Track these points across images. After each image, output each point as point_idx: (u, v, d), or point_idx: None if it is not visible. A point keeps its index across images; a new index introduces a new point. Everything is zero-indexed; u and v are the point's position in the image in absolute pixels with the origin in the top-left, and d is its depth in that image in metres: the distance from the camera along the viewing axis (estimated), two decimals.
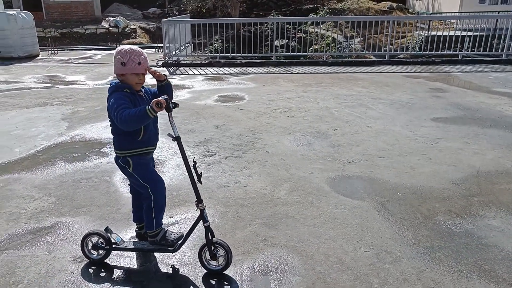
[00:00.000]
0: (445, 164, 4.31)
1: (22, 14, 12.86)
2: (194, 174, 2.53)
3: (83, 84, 8.90)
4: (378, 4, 21.01)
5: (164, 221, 2.86)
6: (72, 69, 10.91)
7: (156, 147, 2.73)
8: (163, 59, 11.32)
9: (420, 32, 13.03)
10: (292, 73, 9.99)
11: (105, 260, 2.76)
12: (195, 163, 2.53)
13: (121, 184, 3.92)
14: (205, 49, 14.34)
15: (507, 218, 3.25)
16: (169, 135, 2.49)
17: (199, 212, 2.58)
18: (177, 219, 3.28)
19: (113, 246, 2.69)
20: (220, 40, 14.47)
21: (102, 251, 2.74)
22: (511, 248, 2.87)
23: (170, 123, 2.49)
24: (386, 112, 6.28)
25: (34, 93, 7.94)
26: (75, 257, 2.80)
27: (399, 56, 11.83)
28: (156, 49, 14.97)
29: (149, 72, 2.56)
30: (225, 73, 9.96)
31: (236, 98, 7.31)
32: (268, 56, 11.95)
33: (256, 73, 9.96)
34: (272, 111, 6.40)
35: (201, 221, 2.58)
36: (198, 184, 2.55)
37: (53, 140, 5.20)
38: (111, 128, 2.60)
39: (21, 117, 6.28)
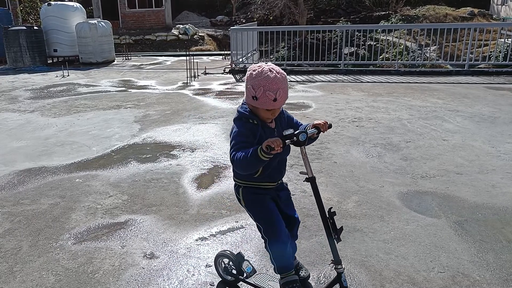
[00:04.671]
0: None
1: (102, 23, 13.84)
2: (330, 227, 2.05)
3: (154, 88, 9.33)
4: (457, 10, 19.81)
5: None
6: (144, 74, 11.50)
7: (278, 184, 2.25)
8: (230, 66, 11.57)
9: (506, 40, 12.03)
10: (362, 81, 9.73)
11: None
12: (333, 213, 2.04)
13: (189, 186, 4.02)
14: (271, 56, 14.45)
15: None
16: (302, 173, 2.06)
17: (336, 274, 2.13)
18: None
19: (239, 277, 2.40)
20: (287, 48, 14.51)
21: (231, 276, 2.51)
22: None
23: (303, 159, 2.03)
24: (465, 126, 5.86)
25: (110, 96, 8.47)
26: (145, 253, 2.90)
27: (479, 66, 11.01)
28: (224, 56, 15.37)
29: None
30: (291, 81, 9.94)
31: (302, 106, 7.24)
32: (335, 64, 11.74)
33: (323, 81, 9.83)
34: (340, 120, 6.25)
35: (338, 285, 2.15)
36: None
37: (126, 141, 5.48)
38: None
39: (98, 118, 6.70)
